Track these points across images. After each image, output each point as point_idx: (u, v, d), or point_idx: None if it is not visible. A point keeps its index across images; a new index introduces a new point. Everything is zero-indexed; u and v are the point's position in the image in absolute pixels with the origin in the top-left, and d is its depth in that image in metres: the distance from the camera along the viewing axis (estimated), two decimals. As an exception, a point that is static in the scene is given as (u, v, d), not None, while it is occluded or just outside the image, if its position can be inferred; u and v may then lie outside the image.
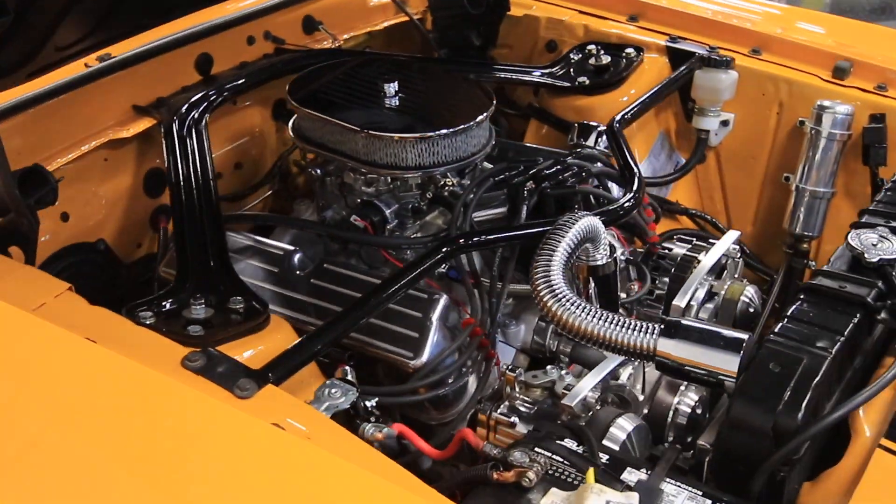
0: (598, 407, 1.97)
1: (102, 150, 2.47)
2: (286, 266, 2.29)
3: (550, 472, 1.64)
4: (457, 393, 2.13)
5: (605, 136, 2.68)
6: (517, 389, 2.05)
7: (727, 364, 1.74)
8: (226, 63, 2.78)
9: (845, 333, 1.73)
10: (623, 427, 1.88)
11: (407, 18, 3.23)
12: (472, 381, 2.14)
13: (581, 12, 3.14)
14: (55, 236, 2.38)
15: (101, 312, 1.83)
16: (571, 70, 2.97)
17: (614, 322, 1.81)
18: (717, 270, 2.36)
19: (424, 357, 2.07)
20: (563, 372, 2.08)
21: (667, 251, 2.48)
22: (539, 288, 1.87)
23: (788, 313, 1.81)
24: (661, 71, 2.94)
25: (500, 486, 1.61)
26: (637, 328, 1.79)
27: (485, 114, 2.35)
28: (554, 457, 1.66)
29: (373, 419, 1.74)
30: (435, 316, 2.09)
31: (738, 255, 2.39)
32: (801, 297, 1.85)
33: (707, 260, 2.32)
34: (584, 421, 1.96)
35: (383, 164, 2.30)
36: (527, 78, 2.99)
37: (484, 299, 2.18)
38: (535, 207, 2.29)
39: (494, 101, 2.42)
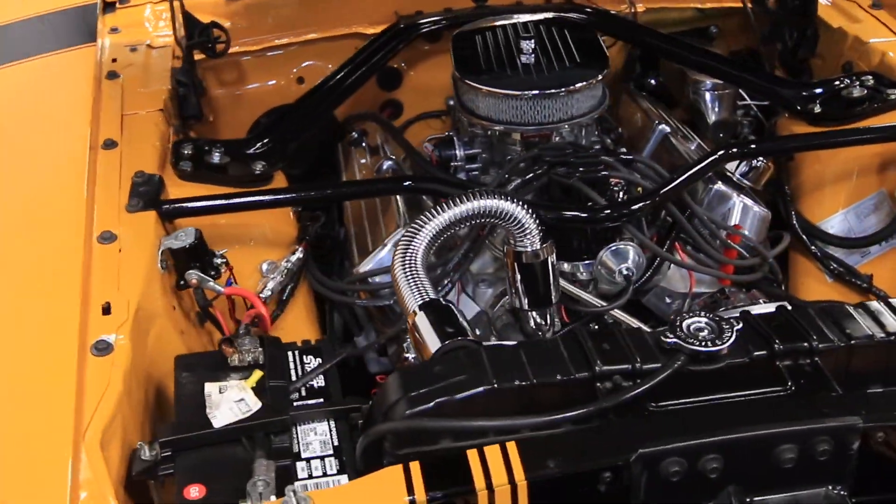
0: None
1: (354, 39, 2.98)
2: (375, 168, 2.62)
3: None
4: (398, 315, 2.31)
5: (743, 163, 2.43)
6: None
7: (432, 347, 1.76)
8: (503, -3, 3.05)
9: (532, 380, 1.61)
10: None
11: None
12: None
13: None
14: (286, 93, 2.99)
15: (158, 131, 2.42)
16: (823, 96, 2.63)
17: (408, 278, 1.90)
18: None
19: (366, 267, 2.30)
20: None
21: (724, 297, 2.27)
22: (401, 239, 2.01)
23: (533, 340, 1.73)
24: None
25: (220, 356, 1.90)
26: (415, 290, 1.87)
27: (565, 87, 2.37)
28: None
29: (212, 272, 2.10)
30: (391, 240, 2.29)
31: None
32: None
33: None
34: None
35: (466, 109, 2.49)
36: (759, 87, 2.74)
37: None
38: (542, 189, 2.29)
39: (597, 79, 2.43)
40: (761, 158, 2.42)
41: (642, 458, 1.48)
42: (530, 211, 2.02)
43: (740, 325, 1.65)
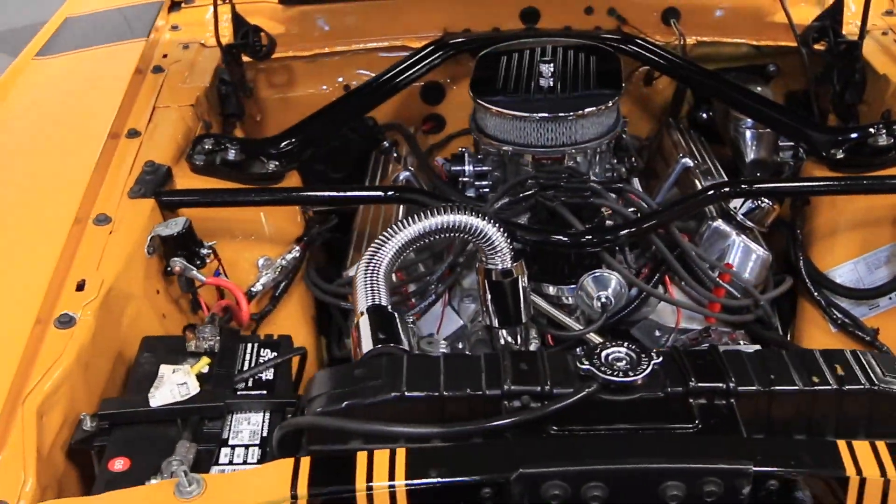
0: None
1: (402, 52, 3.05)
2: (392, 178, 2.68)
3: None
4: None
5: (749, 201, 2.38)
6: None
7: (364, 349, 1.82)
8: (552, 22, 3.06)
9: (441, 391, 1.64)
10: None
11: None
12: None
13: None
14: (332, 98, 3.07)
15: (184, 126, 2.54)
16: (853, 142, 2.55)
17: (365, 282, 1.95)
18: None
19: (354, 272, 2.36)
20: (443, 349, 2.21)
21: (706, 336, 2.24)
22: (371, 246, 2.06)
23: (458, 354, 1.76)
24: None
25: (182, 341, 1.99)
26: (367, 293, 1.92)
27: (572, 112, 2.39)
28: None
29: (198, 261, 2.20)
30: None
31: None
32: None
33: None
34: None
35: (478, 127, 2.53)
36: (790, 129, 2.66)
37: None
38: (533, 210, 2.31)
39: (606, 106, 2.42)
40: (765, 199, 2.37)
41: (523, 477, 1.48)
42: (502, 229, 2.03)
43: (660, 359, 1.65)
